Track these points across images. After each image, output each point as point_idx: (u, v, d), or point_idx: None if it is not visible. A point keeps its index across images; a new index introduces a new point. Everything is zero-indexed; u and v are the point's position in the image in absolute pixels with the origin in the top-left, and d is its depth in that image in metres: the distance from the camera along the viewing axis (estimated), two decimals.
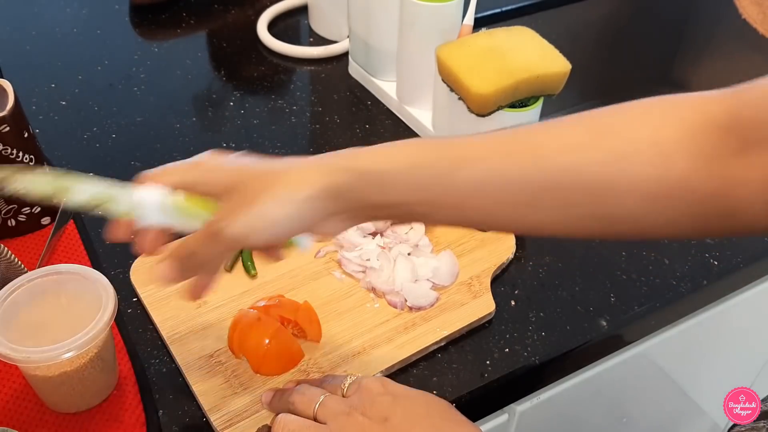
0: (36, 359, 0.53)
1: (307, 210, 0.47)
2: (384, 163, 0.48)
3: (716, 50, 1.32)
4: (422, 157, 0.48)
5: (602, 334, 0.69)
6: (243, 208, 0.47)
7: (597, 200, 0.46)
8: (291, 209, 0.47)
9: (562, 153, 0.46)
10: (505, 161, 0.47)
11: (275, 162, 0.49)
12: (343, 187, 0.47)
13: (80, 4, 1.11)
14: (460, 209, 0.48)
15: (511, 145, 0.47)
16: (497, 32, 0.79)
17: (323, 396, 0.53)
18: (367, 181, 0.48)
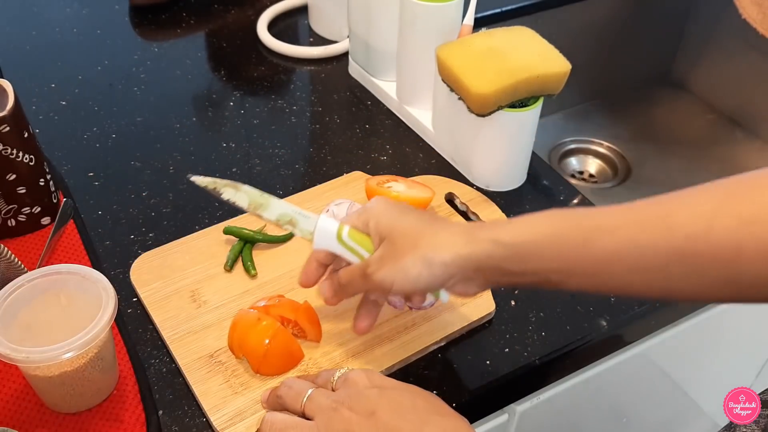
0: (36, 359, 0.53)
1: (443, 273, 0.53)
2: (522, 235, 0.52)
3: (716, 50, 1.32)
4: (558, 227, 0.51)
5: (602, 334, 0.69)
6: (391, 261, 0.54)
7: (725, 266, 0.47)
8: (429, 271, 0.53)
9: (691, 221, 0.47)
10: (637, 231, 0.49)
11: (427, 222, 0.55)
12: (482, 256, 0.52)
13: (80, 5, 1.11)
14: (594, 277, 0.51)
15: (642, 214, 0.50)
16: (497, 32, 0.79)
17: (311, 390, 0.54)
18: (506, 252, 0.52)
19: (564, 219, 0.52)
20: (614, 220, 0.50)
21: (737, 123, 1.32)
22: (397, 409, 0.51)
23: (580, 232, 0.51)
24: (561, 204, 0.81)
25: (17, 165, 0.69)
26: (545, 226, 0.52)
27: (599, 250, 0.50)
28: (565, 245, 0.51)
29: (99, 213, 0.78)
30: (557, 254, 0.51)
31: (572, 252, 0.51)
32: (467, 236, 0.53)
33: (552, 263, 0.52)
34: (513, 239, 0.52)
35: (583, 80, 1.31)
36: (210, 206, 0.79)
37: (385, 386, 0.52)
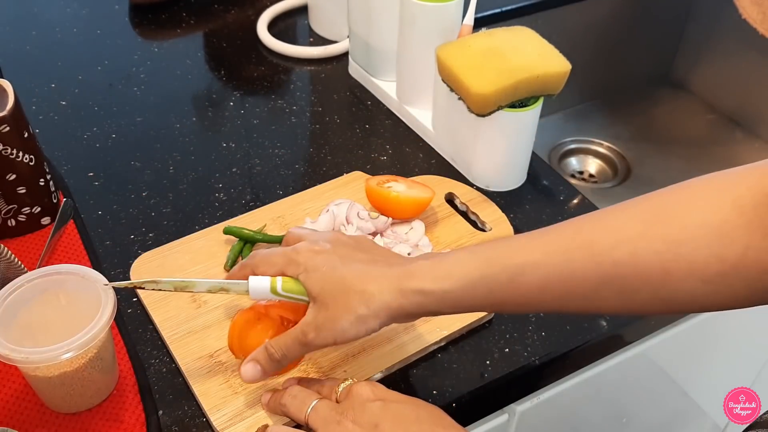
0: (36, 359, 0.53)
1: (379, 324, 0.55)
2: (449, 283, 0.52)
3: (716, 50, 1.32)
4: (483, 271, 0.52)
5: (602, 334, 0.69)
6: (328, 324, 0.54)
7: (655, 287, 0.48)
8: (365, 326, 0.54)
9: (617, 247, 0.48)
10: (562, 262, 0.50)
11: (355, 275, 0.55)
12: (412, 307, 0.54)
13: (80, 4, 1.11)
14: (526, 306, 0.54)
15: (566, 243, 0.50)
16: (497, 32, 0.79)
17: (315, 401, 0.54)
18: (434, 300, 0.53)
19: (488, 260, 0.52)
20: (538, 254, 0.51)
21: (737, 123, 1.32)
22: (401, 423, 0.51)
23: (506, 272, 0.51)
24: (561, 204, 0.81)
25: (17, 165, 0.69)
26: (471, 269, 0.52)
27: (527, 285, 0.51)
28: (492, 286, 0.52)
29: (99, 213, 0.78)
30: (486, 295, 0.52)
31: (500, 291, 0.52)
32: (395, 289, 0.53)
33: (483, 302, 0.53)
34: (440, 288, 0.53)
35: (583, 80, 1.30)
36: (210, 206, 0.79)
37: (389, 399, 0.53)
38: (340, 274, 0.55)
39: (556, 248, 0.51)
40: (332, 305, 0.54)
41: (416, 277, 0.53)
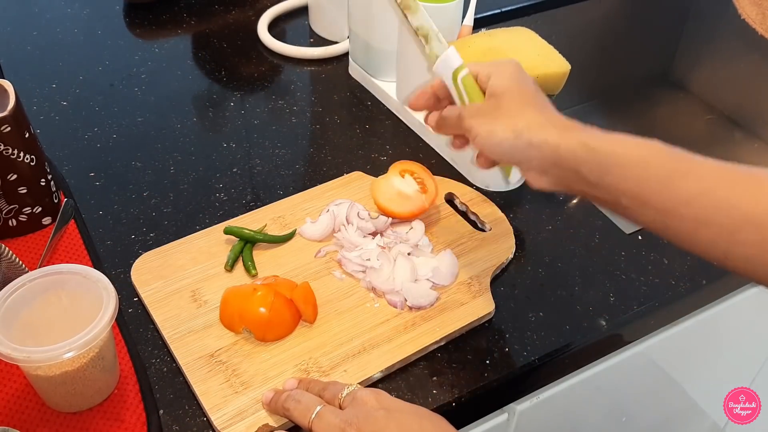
0: (37, 359, 0.53)
1: (524, 150, 0.55)
2: (612, 147, 0.52)
3: (716, 50, 1.32)
4: (649, 154, 0.51)
5: (602, 333, 0.69)
6: (487, 117, 0.57)
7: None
8: (514, 142, 0.55)
9: None
10: (723, 185, 0.49)
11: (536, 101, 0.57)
12: (567, 152, 0.54)
13: (81, 5, 1.11)
14: (665, 214, 0.51)
15: (734, 173, 0.50)
16: (497, 33, 0.80)
17: (319, 407, 0.54)
18: (590, 156, 0.53)
19: (658, 150, 0.52)
20: (705, 168, 0.50)
21: (736, 123, 1.32)
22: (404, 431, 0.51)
23: (669, 166, 0.50)
24: (560, 204, 0.81)
25: (18, 165, 0.70)
26: (638, 148, 0.52)
27: (681, 190, 0.50)
28: (650, 172, 0.51)
29: (100, 213, 0.78)
30: (638, 178, 0.51)
31: (654, 182, 0.51)
32: (562, 129, 0.55)
33: (629, 185, 0.51)
34: (601, 147, 0.53)
35: (583, 80, 1.31)
36: (210, 206, 0.79)
37: (393, 408, 0.53)
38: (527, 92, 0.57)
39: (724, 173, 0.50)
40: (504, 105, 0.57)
41: (586, 132, 0.54)
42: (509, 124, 0.55)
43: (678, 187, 0.50)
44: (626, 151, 0.52)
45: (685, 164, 0.51)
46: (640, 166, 0.51)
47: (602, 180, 0.52)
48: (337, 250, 0.73)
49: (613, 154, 0.52)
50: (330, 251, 0.73)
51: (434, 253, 0.73)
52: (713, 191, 0.49)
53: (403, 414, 0.53)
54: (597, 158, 0.52)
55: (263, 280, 0.67)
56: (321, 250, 0.73)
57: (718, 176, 0.49)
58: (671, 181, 0.50)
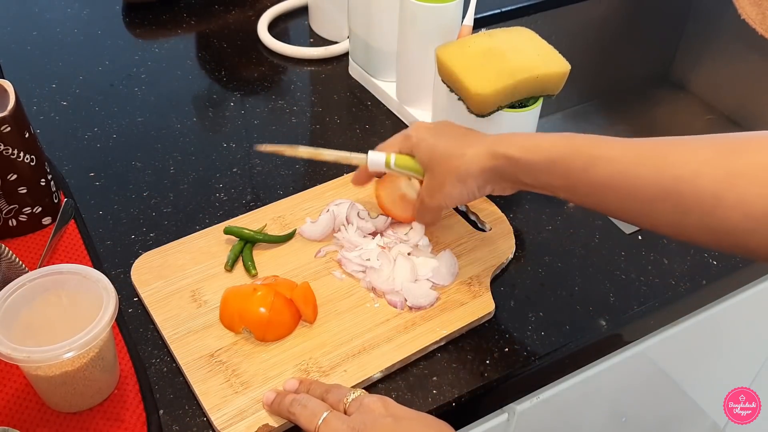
0: (37, 359, 0.53)
1: (476, 184, 0.64)
2: (533, 154, 0.60)
3: (715, 50, 1.32)
4: (564, 152, 0.58)
5: (602, 333, 0.69)
6: (437, 189, 0.66)
7: (705, 211, 0.50)
8: (465, 187, 0.64)
9: (683, 165, 0.51)
10: (632, 164, 0.54)
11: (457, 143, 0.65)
12: (500, 170, 0.62)
13: (81, 5, 1.11)
14: (593, 197, 0.57)
15: (640, 150, 0.55)
16: (497, 33, 0.80)
17: (326, 413, 0.54)
18: (517, 168, 0.61)
19: (572, 144, 0.58)
20: (614, 151, 0.56)
21: (736, 123, 1.32)
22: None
23: (584, 158, 0.57)
24: (560, 204, 0.81)
25: (18, 165, 0.70)
26: (555, 149, 0.59)
27: (597, 176, 0.56)
28: (569, 168, 0.57)
29: (100, 213, 0.78)
30: (562, 175, 0.58)
31: (574, 175, 0.57)
32: (487, 152, 0.62)
33: (558, 181, 0.59)
34: (524, 157, 0.60)
35: (582, 80, 1.31)
36: (210, 206, 0.79)
37: (400, 416, 0.53)
38: (446, 145, 0.65)
39: (632, 151, 0.55)
40: (438, 171, 0.65)
41: (505, 144, 0.62)
42: (452, 179, 0.64)
43: (595, 173, 0.56)
44: (544, 156, 0.59)
45: (597, 151, 0.56)
46: (558, 167, 0.58)
47: (536, 181, 0.61)
48: (337, 250, 0.73)
49: (534, 162, 0.59)
50: (330, 251, 0.73)
51: (434, 253, 0.73)
52: (626, 171, 0.54)
53: (410, 422, 0.53)
54: (524, 167, 0.60)
55: (263, 280, 0.67)
56: (321, 250, 0.73)
57: (628, 156, 0.55)
58: (588, 170, 0.56)
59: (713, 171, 0.50)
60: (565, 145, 0.58)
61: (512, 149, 0.61)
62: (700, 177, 0.50)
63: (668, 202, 0.52)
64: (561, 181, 0.58)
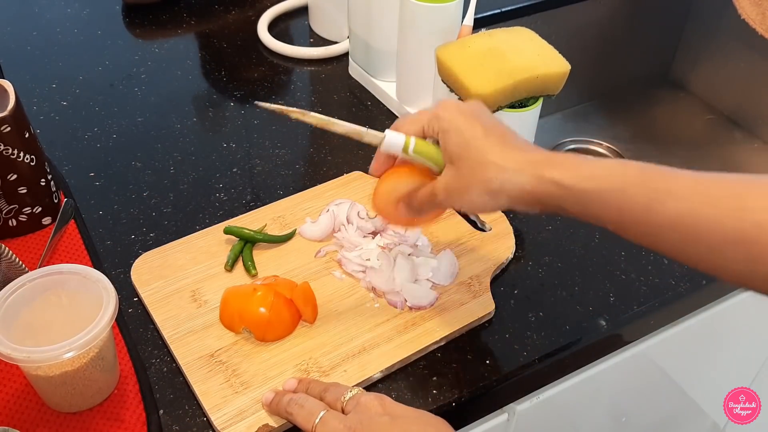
0: (37, 359, 0.53)
1: (507, 204, 0.55)
2: (587, 183, 0.52)
3: (715, 50, 1.32)
4: (626, 183, 0.51)
5: (601, 333, 0.69)
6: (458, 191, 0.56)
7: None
8: (494, 202, 0.55)
9: (764, 210, 0.47)
10: (704, 204, 0.48)
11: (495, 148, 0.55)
12: (544, 195, 0.53)
13: (81, 5, 1.11)
14: (651, 237, 0.51)
15: (713, 188, 0.49)
16: (497, 33, 0.80)
17: (323, 412, 0.54)
18: (568, 195, 0.52)
19: (634, 175, 0.51)
20: (683, 187, 0.49)
21: (736, 123, 1.32)
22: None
23: (647, 192, 0.50)
24: None
25: (18, 165, 0.70)
26: (613, 177, 0.51)
27: (662, 214, 0.49)
28: (629, 203, 0.50)
29: (100, 213, 0.78)
30: (618, 209, 0.51)
31: (634, 211, 0.50)
32: (533, 173, 0.53)
33: (611, 215, 0.51)
34: (577, 185, 0.52)
35: (582, 80, 1.31)
36: (210, 206, 0.79)
37: (397, 414, 0.53)
38: (482, 144, 0.55)
39: (703, 189, 0.49)
40: (468, 173, 0.55)
41: (558, 168, 0.53)
42: (482, 189, 0.55)
43: (658, 212, 0.49)
44: (600, 184, 0.51)
45: (662, 185, 0.50)
46: (617, 197, 0.51)
47: (585, 212, 0.53)
48: (337, 250, 0.73)
49: (588, 192, 0.52)
50: (330, 251, 0.73)
51: (434, 253, 0.73)
52: (695, 211, 0.48)
53: (406, 420, 0.53)
54: (574, 196, 0.52)
55: (263, 280, 0.67)
56: (321, 250, 0.73)
57: (699, 194, 0.49)
58: (651, 206, 0.50)
59: None
60: (623, 174, 0.51)
61: (564, 175, 0.52)
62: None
63: (740, 250, 0.47)
64: (615, 216, 0.51)
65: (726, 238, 0.47)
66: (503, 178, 0.54)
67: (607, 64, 1.32)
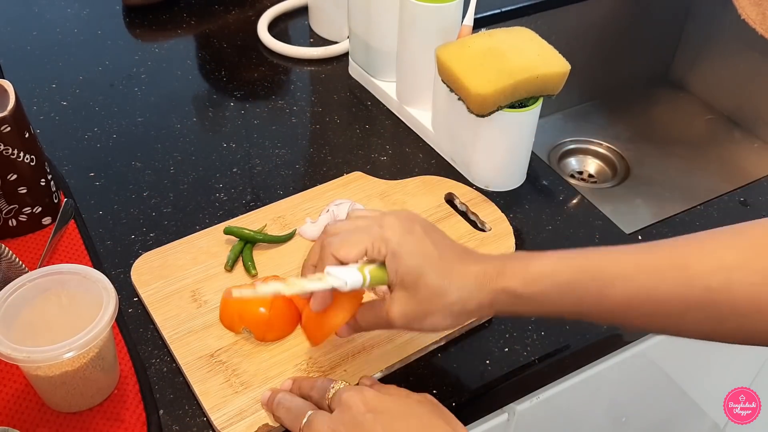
0: (37, 359, 0.53)
1: (467, 319, 0.56)
2: (538, 285, 0.52)
3: (715, 50, 1.32)
4: (573, 276, 0.52)
5: (602, 333, 0.69)
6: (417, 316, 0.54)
7: (744, 318, 0.48)
8: (454, 320, 0.55)
9: (713, 273, 0.48)
10: (654, 280, 0.49)
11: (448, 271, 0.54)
12: (498, 305, 0.54)
13: (81, 5, 1.11)
14: (611, 319, 0.53)
15: (660, 262, 0.50)
16: (497, 33, 0.80)
17: (310, 413, 0.54)
18: (521, 302, 0.53)
19: (581, 267, 0.52)
20: (631, 267, 0.51)
21: (736, 123, 1.33)
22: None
23: (596, 281, 0.51)
24: (560, 204, 0.81)
25: (18, 165, 0.70)
26: (561, 275, 0.52)
27: (614, 299, 0.51)
28: (581, 293, 0.52)
29: (100, 213, 0.78)
30: (572, 302, 0.52)
31: (587, 300, 0.52)
32: (486, 286, 0.53)
33: (569, 309, 0.53)
34: (528, 291, 0.53)
35: (582, 80, 1.31)
36: (210, 206, 0.79)
37: (380, 410, 0.52)
38: (438, 267, 0.53)
39: (649, 264, 0.50)
40: (427, 299, 0.53)
41: (507, 277, 0.53)
42: (444, 313, 0.54)
43: (611, 296, 0.51)
44: (551, 284, 0.52)
45: (609, 270, 0.51)
46: (569, 293, 0.52)
47: (542, 310, 0.54)
48: None
49: (540, 293, 0.52)
50: None
51: None
52: (645, 289, 0.50)
53: (389, 416, 0.52)
54: (527, 300, 0.53)
55: (262, 280, 0.67)
56: None
57: (644, 272, 0.50)
58: (603, 292, 0.51)
59: (746, 276, 0.47)
60: (569, 267, 0.52)
61: (513, 282, 0.53)
62: (733, 284, 0.47)
63: (700, 314, 0.49)
64: (572, 308, 0.53)
65: (684, 307, 0.49)
66: (463, 300, 0.54)
67: (607, 64, 1.32)
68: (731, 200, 0.83)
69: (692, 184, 1.21)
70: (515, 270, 0.53)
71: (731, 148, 1.30)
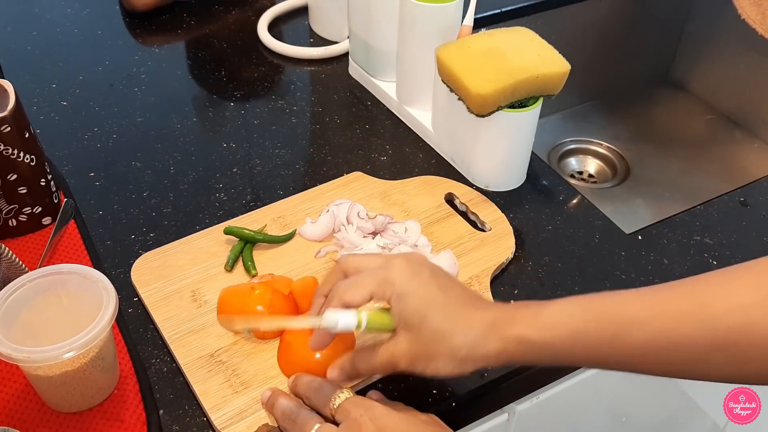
0: (37, 359, 0.53)
1: (474, 368, 0.53)
2: (551, 332, 0.51)
3: (715, 51, 1.32)
4: (588, 323, 0.50)
5: None
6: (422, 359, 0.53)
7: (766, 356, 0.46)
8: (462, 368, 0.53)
9: (731, 313, 0.47)
10: (671, 324, 0.48)
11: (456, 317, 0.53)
12: (510, 354, 0.52)
13: (81, 5, 1.11)
14: (627, 366, 0.51)
15: (676, 305, 0.49)
16: (497, 33, 0.80)
17: (317, 426, 0.54)
18: (535, 349, 0.52)
19: (595, 312, 0.51)
20: (647, 311, 0.49)
21: (736, 123, 1.33)
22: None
23: (611, 327, 0.50)
24: (560, 204, 0.81)
25: (18, 165, 0.70)
26: (575, 321, 0.51)
27: (632, 343, 0.49)
28: (596, 340, 0.50)
29: (100, 213, 0.78)
30: (588, 349, 0.51)
31: (603, 347, 0.50)
32: (497, 335, 0.52)
33: (584, 356, 0.52)
34: (541, 338, 0.51)
35: (582, 80, 1.31)
36: (210, 206, 0.79)
37: (386, 426, 0.52)
38: (443, 310, 0.53)
39: (666, 308, 0.49)
40: (431, 341, 0.52)
41: (518, 325, 0.52)
42: (449, 357, 0.52)
43: (627, 342, 0.49)
44: (564, 332, 0.51)
45: (623, 315, 0.50)
46: (584, 340, 0.50)
47: (555, 359, 0.52)
48: (337, 250, 0.73)
49: (553, 341, 0.51)
50: (330, 251, 0.73)
51: (434, 253, 0.73)
52: (664, 333, 0.48)
53: None
54: (541, 349, 0.51)
55: (260, 279, 0.67)
56: (321, 250, 0.73)
57: (661, 315, 0.49)
58: (619, 338, 0.49)
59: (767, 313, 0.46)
60: (584, 313, 0.51)
61: (525, 329, 0.51)
62: (754, 324, 0.46)
63: (721, 355, 0.47)
64: (587, 356, 0.51)
65: (703, 350, 0.47)
66: (470, 345, 0.52)
67: (607, 64, 1.32)
68: (731, 200, 0.83)
69: (692, 184, 1.21)
70: (527, 317, 0.52)
71: (731, 148, 1.30)
